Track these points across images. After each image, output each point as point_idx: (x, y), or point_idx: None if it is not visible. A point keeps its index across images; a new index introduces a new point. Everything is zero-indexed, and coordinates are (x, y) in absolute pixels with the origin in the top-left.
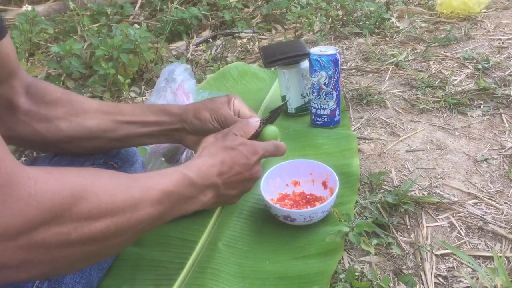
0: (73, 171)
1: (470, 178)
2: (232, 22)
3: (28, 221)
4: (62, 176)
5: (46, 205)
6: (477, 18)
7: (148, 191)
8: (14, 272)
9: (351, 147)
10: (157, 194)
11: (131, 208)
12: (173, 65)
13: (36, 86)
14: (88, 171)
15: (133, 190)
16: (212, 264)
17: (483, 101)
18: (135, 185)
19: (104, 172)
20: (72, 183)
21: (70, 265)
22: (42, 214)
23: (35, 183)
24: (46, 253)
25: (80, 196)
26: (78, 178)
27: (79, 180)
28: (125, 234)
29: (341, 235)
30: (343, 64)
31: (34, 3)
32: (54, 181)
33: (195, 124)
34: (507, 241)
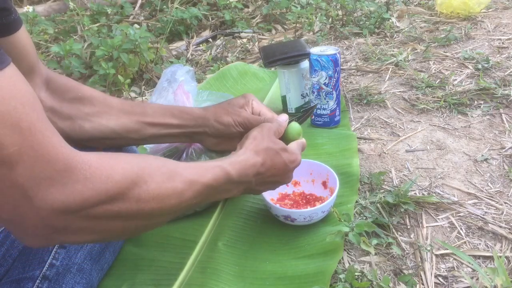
0: (124, 157)
1: (470, 178)
2: (232, 22)
3: (86, 200)
4: (115, 161)
5: (100, 187)
6: (477, 18)
7: (191, 184)
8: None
9: (351, 147)
10: (198, 188)
11: (174, 197)
12: (175, 66)
13: (56, 81)
14: (138, 158)
15: (177, 180)
16: (212, 264)
17: (483, 101)
18: (179, 177)
19: (153, 160)
20: (125, 168)
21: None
22: (97, 194)
23: (90, 167)
24: (101, 223)
25: (132, 181)
26: (130, 164)
27: (130, 166)
28: (167, 215)
29: (341, 235)
30: (343, 64)
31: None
32: (107, 166)
33: (218, 128)
34: (507, 241)
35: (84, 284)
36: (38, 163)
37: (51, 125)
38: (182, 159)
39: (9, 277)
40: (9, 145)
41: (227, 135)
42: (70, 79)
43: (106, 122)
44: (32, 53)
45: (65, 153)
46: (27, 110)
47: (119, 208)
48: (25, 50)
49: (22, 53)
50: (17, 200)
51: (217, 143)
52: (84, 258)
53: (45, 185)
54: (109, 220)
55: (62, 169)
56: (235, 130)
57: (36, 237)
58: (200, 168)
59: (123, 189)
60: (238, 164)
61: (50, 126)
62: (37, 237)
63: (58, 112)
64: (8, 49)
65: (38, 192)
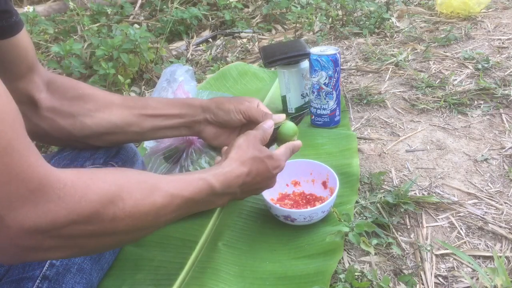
0: (102, 174)
1: (470, 178)
2: (232, 22)
3: (57, 220)
4: (92, 180)
5: (73, 207)
6: (477, 18)
7: (172, 198)
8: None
9: (351, 147)
10: (179, 202)
11: (152, 214)
12: (175, 66)
13: (56, 81)
14: (117, 174)
15: (156, 196)
16: (212, 264)
17: (483, 101)
18: (159, 191)
19: (132, 176)
20: (101, 187)
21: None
22: (69, 215)
23: (64, 186)
24: (73, 242)
25: (107, 200)
26: (107, 182)
27: (108, 185)
28: (144, 230)
29: (341, 235)
30: (343, 64)
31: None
32: (83, 185)
33: (218, 114)
34: (507, 241)
35: (84, 284)
36: (12, 182)
37: (31, 143)
38: (182, 159)
39: (9, 277)
40: None
41: (228, 123)
42: (70, 78)
43: (108, 116)
44: (32, 54)
45: (40, 172)
46: (5, 128)
47: (92, 228)
48: (25, 51)
49: (23, 54)
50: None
51: (216, 134)
52: (84, 258)
53: (17, 205)
54: (82, 239)
55: (35, 188)
56: (235, 117)
57: (6, 255)
58: (183, 182)
59: (97, 209)
60: (222, 176)
61: (28, 144)
62: (7, 255)
63: (59, 110)
64: (9, 51)
65: (9, 212)
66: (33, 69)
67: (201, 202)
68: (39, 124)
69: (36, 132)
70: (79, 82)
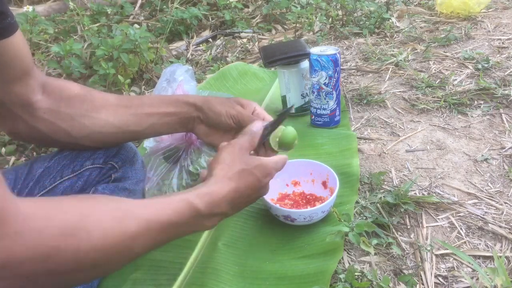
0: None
1: (470, 178)
2: (232, 22)
3: (11, 257)
4: (54, 211)
5: (31, 243)
6: (477, 18)
7: (147, 224)
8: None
9: (351, 147)
10: (156, 227)
11: (125, 243)
12: (175, 66)
13: (52, 84)
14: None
15: (129, 223)
16: (212, 264)
17: (483, 101)
18: (132, 218)
19: (101, 203)
20: (63, 220)
21: None
22: (27, 251)
23: (24, 220)
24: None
25: (70, 233)
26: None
27: (70, 216)
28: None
29: (341, 235)
30: (343, 64)
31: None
32: (43, 218)
33: (209, 115)
34: (507, 241)
35: (84, 284)
36: None
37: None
38: (182, 159)
39: None
40: None
41: (217, 125)
42: (65, 80)
43: (105, 116)
44: (27, 58)
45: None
46: None
47: (53, 265)
48: (20, 54)
49: (17, 57)
50: None
51: (208, 132)
52: None
53: None
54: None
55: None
56: (225, 121)
57: None
58: (160, 205)
59: (57, 243)
60: (207, 196)
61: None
62: None
63: (56, 112)
64: (2, 53)
65: None
66: (28, 72)
67: (184, 226)
68: (36, 127)
69: (33, 135)
70: (74, 84)
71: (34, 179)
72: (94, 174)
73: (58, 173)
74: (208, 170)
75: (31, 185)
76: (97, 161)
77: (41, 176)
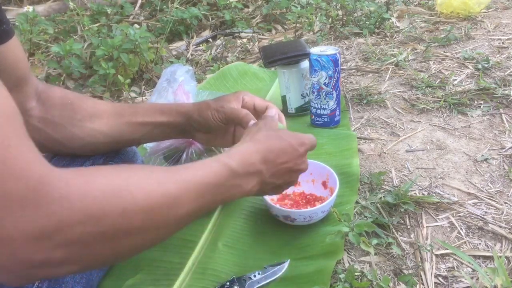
0: (104, 170)
1: (470, 178)
2: (232, 22)
3: (62, 222)
4: (93, 176)
5: (77, 206)
6: (477, 18)
7: (186, 185)
8: (56, 268)
9: (351, 147)
10: (195, 188)
11: (168, 204)
12: (175, 66)
13: (47, 92)
14: (121, 168)
15: (168, 185)
16: (212, 265)
17: (483, 101)
18: (170, 180)
19: (139, 168)
20: (104, 183)
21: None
22: (75, 214)
23: (66, 185)
24: (84, 249)
25: (113, 195)
26: (109, 176)
27: (111, 179)
28: (163, 228)
29: (341, 235)
30: (343, 64)
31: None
32: (85, 182)
33: (200, 122)
34: (507, 241)
35: (84, 284)
36: (9, 180)
37: (30, 141)
38: (182, 159)
39: None
40: None
41: (211, 129)
42: (60, 88)
43: (98, 126)
44: (23, 64)
45: (39, 170)
46: (2, 123)
47: (102, 228)
48: (15, 61)
49: (12, 63)
50: None
51: (208, 138)
52: None
53: (16, 207)
54: (95, 244)
55: (35, 187)
56: (214, 125)
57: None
58: (195, 167)
59: (103, 205)
60: (237, 154)
61: (27, 141)
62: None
63: (49, 121)
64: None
65: (8, 216)
66: (24, 79)
67: (222, 188)
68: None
69: None
70: (68, 92)
71: None
72: None
73: None
74: None
75: None
76: (97, 161)
77: None
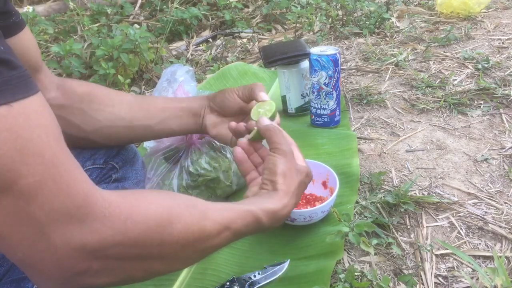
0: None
1: (470, 178)
2: (232, 22)
3: (103, 240)
4: (138, 201)
5: (119, 227)
6: (477, 18)
7: (220, 228)
8: (93, 278)
9: (351, 147)
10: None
11: (201, 240)
12: (175, 66)
13: (66, 83)
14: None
15: (205, 223)
16: (212, 265)
17: (483, 101)
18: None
19: (180, 199)
20: (147, 208)
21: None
22: (115, 234)
23: (110, 205)
24: (120, 264)
25: (155, 223)
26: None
27: (154, 206)
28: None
29: (341, 235)
30: (343, 64)
31: (34, 3)
32: (128, 206)
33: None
34: (507, 241)
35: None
36: (58, 196)
37: (74, 158)
38: (182, 159)
39: (9, 277)
40: (29, 175)
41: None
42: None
43: (118, 111)
44: (36, 55)
45: (85, 188)
46: (51, 140)
47: (139, 251)
48: (28, 52)
49: (25, 54)
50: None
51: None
52: None
53: (63, 222)
54: (130, 262)
55: (81, 205)
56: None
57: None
58: (231, 212)
59: (144, 231)
60: (273, 214)
61: (72, 158)
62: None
63: (69, 108)
64: None
65: (55, 229)
66: (38, 70)
67: (247, 234)
68: None
69: None
70: (87, 82)
71: None
72: (94, 175)
73: None
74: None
75: None
76: (98, 161)
77: None
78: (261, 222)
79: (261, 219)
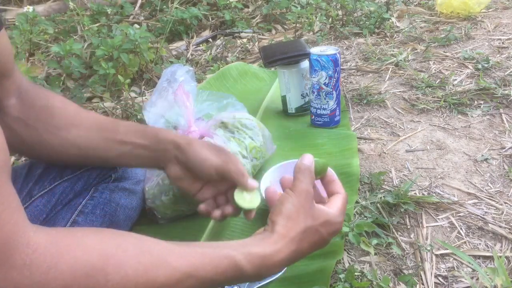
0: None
1: (470, 178)
2: (232, 22)
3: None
4: (68, 248)
5: (38, 279)
6: (477, 18)
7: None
8: None
9: (351, 147)
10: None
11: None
12: (175, 66)
13: (30, 92)
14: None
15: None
16: None
17: (483, 101)
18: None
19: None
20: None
21: None
22: (33, 285)
23: (34, 252)
24: None
25: (84, 274)
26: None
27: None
28: None
29: (341, 235)
30: (343, 64)
31: (34, 3)
32: (55, 252)
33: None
34: (507, 241)
35: None
36: None
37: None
38: None
39: None
40: None
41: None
42: (48, 91)
43: (72, 137)
44: (7, 58)
45: (9, 231)
46: None
47: None
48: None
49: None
50: None
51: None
52: None
53: None
54: None
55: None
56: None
57: None
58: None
59: (68, 283)
60: (259, 260)
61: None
62: None
63: (23, 123)
64: None
65: None
66: (6, 74)
67: (223, 282)
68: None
69: None
70: (53, 95)
71: (33, 180)
72: (94, 175)
73: (58, 174)
74: (270, 221)
75: (31, 185)
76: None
77: (41, 176)
78: (242, 268)
79: (241, 266)
